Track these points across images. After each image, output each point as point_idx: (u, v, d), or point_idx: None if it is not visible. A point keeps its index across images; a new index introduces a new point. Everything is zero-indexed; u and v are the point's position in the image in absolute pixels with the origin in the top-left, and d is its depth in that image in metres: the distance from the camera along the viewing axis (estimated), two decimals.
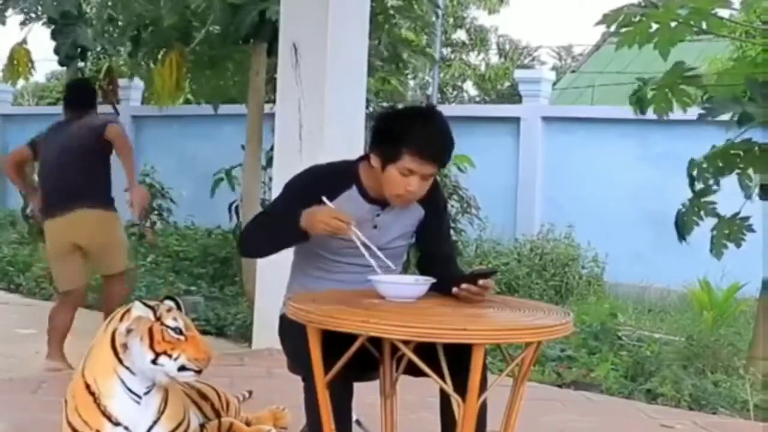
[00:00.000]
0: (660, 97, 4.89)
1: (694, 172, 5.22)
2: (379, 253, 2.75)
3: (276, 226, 2.82)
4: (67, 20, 10.68)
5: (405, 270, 3.07)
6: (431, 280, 2.69)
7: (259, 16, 7.33)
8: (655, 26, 4.60)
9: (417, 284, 2.70)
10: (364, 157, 2.90)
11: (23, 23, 10.77)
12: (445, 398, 2.70)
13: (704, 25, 4.77)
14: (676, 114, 5.09)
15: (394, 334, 2.39)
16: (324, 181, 2.86)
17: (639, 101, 5.01)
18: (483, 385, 2.48)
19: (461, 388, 2.43)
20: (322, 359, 2.54)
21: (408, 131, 2.73)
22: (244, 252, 3.13)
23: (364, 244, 2.74)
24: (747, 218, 5.20)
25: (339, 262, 2.86)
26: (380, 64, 8.11)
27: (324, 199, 2.75)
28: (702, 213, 5.22)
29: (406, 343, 2.44)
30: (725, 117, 5.42)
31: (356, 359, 2.55)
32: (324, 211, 2.71)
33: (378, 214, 2.86)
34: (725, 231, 5.19)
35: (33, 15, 10.76)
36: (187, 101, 13.05)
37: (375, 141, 2.82)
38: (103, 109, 12.24)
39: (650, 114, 5.09)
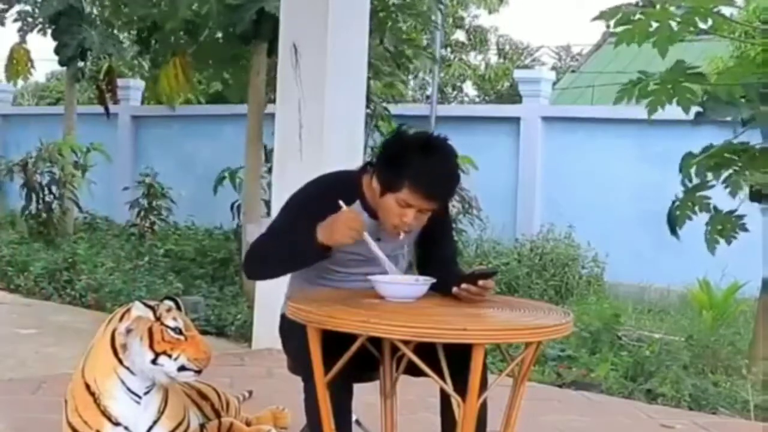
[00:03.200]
0: (661, 92, 4.83)
1: (692, 169, 5.20)
2: (384, 258, 2.74)
3: (290, 246, 2.74)
4: (70, 20, 10.70)
5: (406, 270, 3.07)
6: (431, 280, 2.68)
7: (258, 14, 7.35)
8: (654, 24, 4.59)
9: (417, 284, 2.70)
10: (365, 168, 2.87)
11: (21, 29, 10.80)
12: (445, 398, 2.70)
13: (703, 24, 4.76)
14: (676, 114, 5.08)
15: (394, 334, 2.39)
16: (328, 194, 2.80)
17: (635, 93, 4.91)
18: (483, 385, 2.48)
19: (461, 388, 2.43)
20: (322, 359, 2.54)
21: (411, 164, 2.65)
22: (250, 274, 2.98)
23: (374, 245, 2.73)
24: (742, 216, 5.19)
25: (342, 272, 2.85)
26: (387, 69, 8.11)
27: (340, 203, 2.68)
28: (696, 208, 5.20)
29: (406, 343, 2.44)
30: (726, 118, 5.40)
31: (356, 359, 2.55)
32: (343, 215, 2.64)
33: (381, 227, 2.83)
34: (718, 226, 5.18)
35: (31, 19, 10.79)
36: (187, 101, 13.07)
37: (378, 164, 2.76)
38: (100, 109, 12.37)
39: (644, 110, 5.05)
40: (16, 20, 10.91)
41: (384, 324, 2.36)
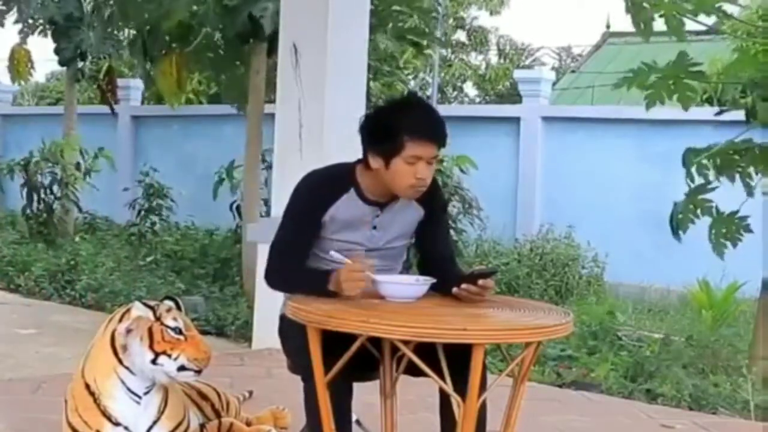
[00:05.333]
0: (661, 86, 4.82)
1: (693, 167, 5.20)
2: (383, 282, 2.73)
3: (306, 284, 2.78)
4: (69, 22, 10.71)
5: (406, 270, 3.06)
6: (431, 280, 2.69)
7: (250, 17, 7.35)
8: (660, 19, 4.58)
9: (417, 284, 2.70)
10: (360, 160, 2.90)
11: (22, 31, 10.80)
12: (444, 398, 2.70)
13: (708, 20, 4.75)
14: (676, 114, 5.08)
15: (394, 334, 2.39)
16: (323, 186, 2.86)
17: (639, 84, 4.90)
18: (483, 385, 2.48)
19: (461, 388, 2.43)
20: (322, 359, 2.54)
21: (403, 120, 2.74)
22: (273, 288, 2.98)
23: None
24: (745, 218, 5.19)
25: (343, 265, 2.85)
26: (387, 69, 8.10)
27: (336, 255, 2.72)
28: (698, 211, 5.20)
29: (406, 343, 2.44)
30: (728, 116, 5.41)
31: (356, 359, 2.55)
32: (343, 273, 2.64)
33: (377, 215, 2.87)
34: (722, 229, 5.18)
35: (31, 21, 10.79)
36: (188, 101, 13.07)
37: (371, 141, 2.81)
38: (100, 109, 12.38)
39: (649, 113, 5.05)
40: (17, 22, 10.92)
41: (384, 324, 2.36)
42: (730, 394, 5.19)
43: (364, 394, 2.89)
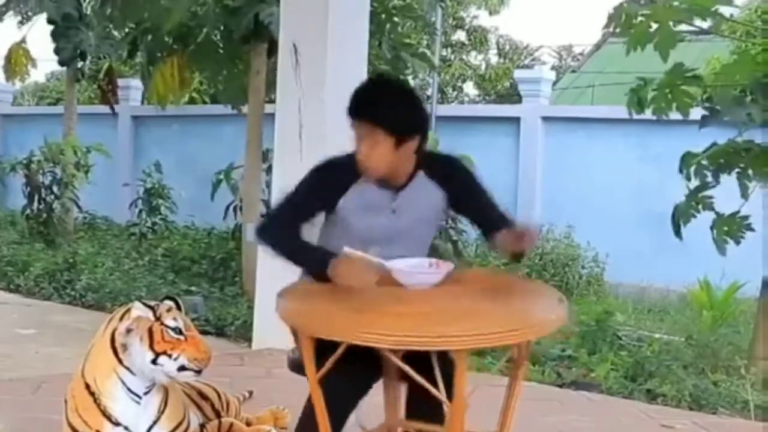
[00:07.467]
0: (660, 98, 4.87)
1: (692, 168, 5.21)
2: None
3: (304, 257, 2.76)
4: (68, 22, 10.71)
5: (429, 254, 3.01)
6: (449, 265, 2.65)
7: (255, 20, 7.35)
8: (654, 26, 4.59)
9: (434, 272, 2.64)
10: None
11: (21, 22, 10.81)
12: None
13: (704, 24, 4.77)
14: (676, 114, 5.08)
15: (381, 343, 2.30)
16: (340, 171, 2.83)
17: (639, 101, 4.98)
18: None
19: (448, 387, 2.41)
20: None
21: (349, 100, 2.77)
22: (263, 242, 2.89)
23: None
24: (746, 217, 5.20)
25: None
26: (385, 68, 8.09)
27: (346, 249, 2.61)
28: (699, 206, 5.21)
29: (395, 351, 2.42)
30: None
31: (362, 367, 2.54)
32: (357, 267, 2.57)
33: (394, 199, 2.83)
34: (724, 228, 5.19)
35: (31, 14, 10.81)
36: (190, 100, 13.07)
37: None
38: (100, 109, 12.37)
39: (649, 114, 5.08)
40: (21, 22, 10.94)
41: (372, 333, 2.27)
42: (730, 394, 5.19)
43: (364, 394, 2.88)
